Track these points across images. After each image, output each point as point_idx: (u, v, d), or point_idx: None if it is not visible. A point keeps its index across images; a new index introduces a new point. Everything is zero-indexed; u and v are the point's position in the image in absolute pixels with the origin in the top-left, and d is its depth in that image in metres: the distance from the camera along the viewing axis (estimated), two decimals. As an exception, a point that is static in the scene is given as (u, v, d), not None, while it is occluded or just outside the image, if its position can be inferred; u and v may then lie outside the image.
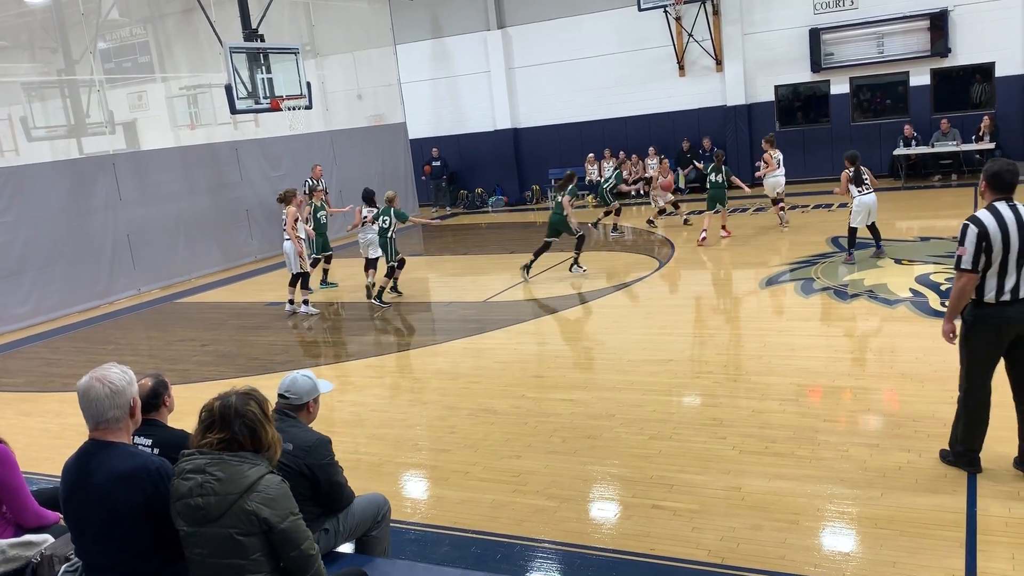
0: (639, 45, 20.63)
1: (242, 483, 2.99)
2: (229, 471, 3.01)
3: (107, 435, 3.25)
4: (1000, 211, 4.69)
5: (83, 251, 13.79)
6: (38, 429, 7.96)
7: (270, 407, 3.28)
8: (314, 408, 4.05)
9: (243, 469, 3.02)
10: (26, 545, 3.67)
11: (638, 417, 6.55)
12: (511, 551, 4.76)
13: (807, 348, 7.86)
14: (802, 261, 11.51)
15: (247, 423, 3.09)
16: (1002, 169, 4.77)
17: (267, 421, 3.17)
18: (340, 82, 20.25)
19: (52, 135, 16.16)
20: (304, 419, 3.98)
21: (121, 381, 3.25)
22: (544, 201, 22.05)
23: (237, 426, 3.08)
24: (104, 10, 16.26)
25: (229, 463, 3.03)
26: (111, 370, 3.27)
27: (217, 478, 2.99)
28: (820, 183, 19.17)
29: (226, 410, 3.11)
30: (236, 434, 3.08)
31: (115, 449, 3.23)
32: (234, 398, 3.16)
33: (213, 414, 3.13)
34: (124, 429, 3.29)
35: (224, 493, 2.97)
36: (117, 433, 3.26)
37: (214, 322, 11.98)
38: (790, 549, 4.46)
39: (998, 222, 4.66)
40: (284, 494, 3.05)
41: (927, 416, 5.93)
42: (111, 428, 3.24)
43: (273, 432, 3.19)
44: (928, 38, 18.08)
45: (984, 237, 4.66)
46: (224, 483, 2.99)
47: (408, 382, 8.25)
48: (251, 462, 3.06)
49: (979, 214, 4.74)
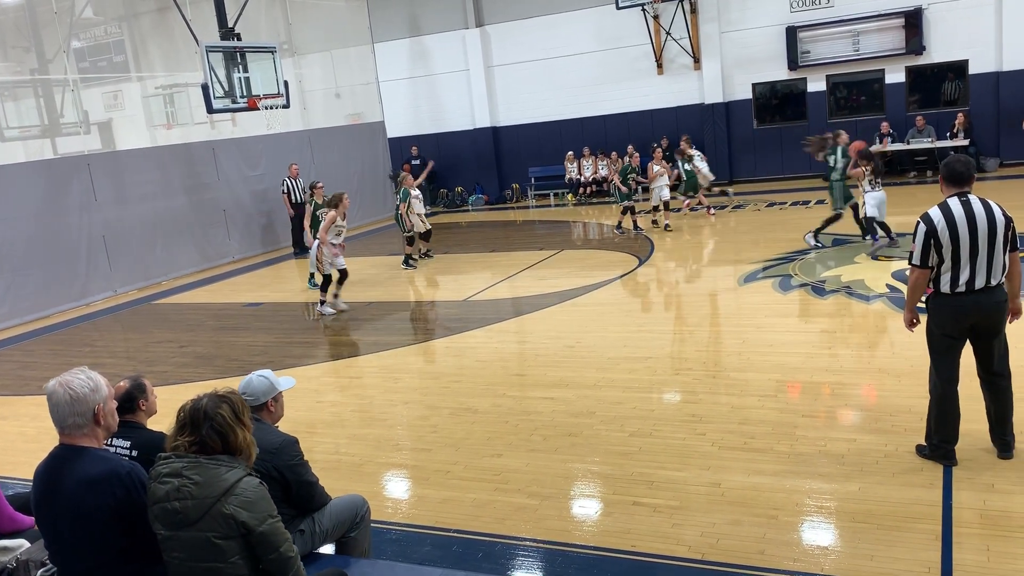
0: (617, 43, 20.69)
1: (220, 486, 2.97)
2: (206, 475, 2.99)
3: (75, 440, 3.22)
4: (951, 207, 4.85)
5: (58, 252, 13.63)
6: (14, 433, 7.86)
7: (247, 412, 3.25)
8: (275, 407, 4.01)
9: (220, 472, 3.00)
10: (1, 551, 3.63)
11: (618, 414, 6.57)
12: (492, 550, 4.76)
13: (785, 344, 7.92)
14: (780, 258, 11.59)
15: (215, 426, 3.07)
16: (956, 164, 4.97)
17: (239, 425, 3.13)
18: (318, 81, 20.16)
19: (25, 135, 15.98)
20: (267, 419, 3.94)
21: (83, 388, 3.20)
22: (524, 199, 22.09)
23: (205, 429, 3.06)
24: (78, 8, 16.11)
25: (206, 467, 3.01)
26: (76, 376, 3.23)
27: (194, 482, 2.97)
28: (797, 180, 19.35)
29: (196, 413, 3.10)
30: (205, 437, 3.05)
31: (85, 454, 3.20)
32: (205, 400, 3.14)
33: (186, 415, 3.12)
34: (91, 435, 3.24)
35: (202, 497, 2.95)
36: (83, 438, 3.22)
37: (192, 323, 11.89)
38: (770, 544, 4.49)
39: (947, 219, 4.81)
40: (262, 497, 3.03)
41: (904, 410, 5.99)
42: (75, 434, 3.21)
43: (246, 436, 3.15)
44: (903, 36, 18.27)
45: (932, 235, 4.83)
46: (201, 487, 2.96)
47: (389, 382, 8.23)
48: (228, 465, 3.04)
49: (930, 211, 4.91)
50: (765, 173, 20.17)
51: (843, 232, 12.43)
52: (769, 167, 20.17)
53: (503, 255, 14.55)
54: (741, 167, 20.52)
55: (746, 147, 20.37)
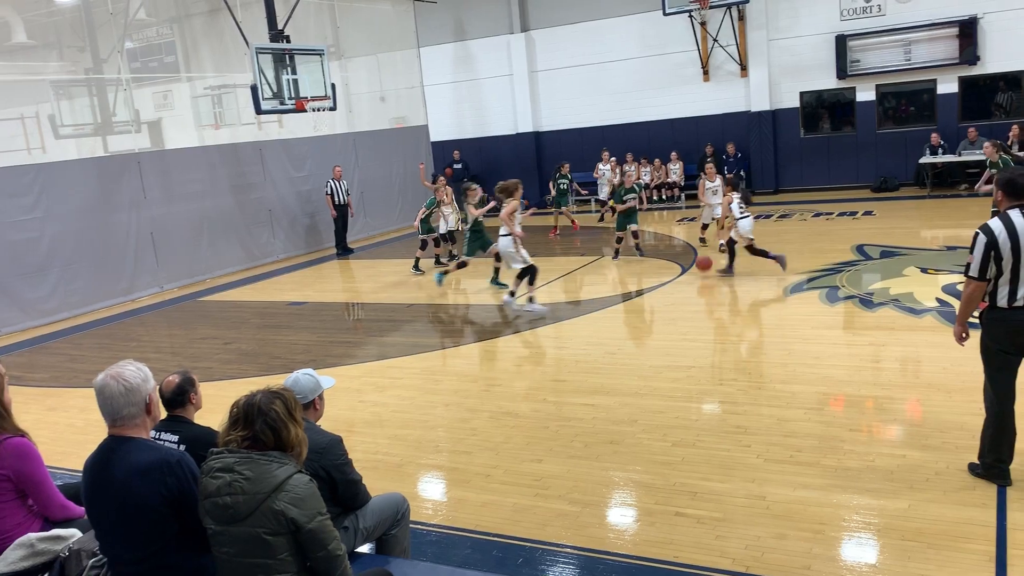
0: (663, 49, 20.58)
1: (270, 482, 2.98)
2: (258, 470, 3.01)
3: (125, 431, 3.28)
4: (1012, 219, 4.74)
5: (107, 248, 13.91)
6: (63, 424, 8.02)
7: (299, 409, 3.28)
8: (320, 405, 4.06)
9: (271, 468, 3.02)
10: (54, 539, 3.69)
11: (661, 423, 6.50)
12: (533, 555, 4.73)
13: (832, 356, 7.79)
14: (827, 269, 11.42)
15: (268, 422, 3.09)
16: (1018, 177, 4.83)
17: (292, 421, 3.16)
18: (364, 84, 20.33)
19: (79, 133, 16.30)
20: (312, 417, 3.99)
21: (135, 379, 3.27)
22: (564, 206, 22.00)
23: (259, 424, 3.09)
24: (132, 10, 16.41)
25: (258, 462, 3.03)
26: (126, 368, 3.30)
27: (246, 477, 2.99)
28: (844, 190, 19.07)
29: (250, 408, 3.13)
30: (258, 432, 3.08)
31: (134, 444, 3.25)
32: (259, 396, 3.17)
33: (239, 411, 3.15)
34: (142, 425, 3.32)
35: (252, 492, 2.97)
36: (135, 429, 3.29)
37: (236, 320, 12.04)
38: (816, 559, 4.40)
39: (1008, 230, 4.70)
40: (312, 494, 3.04)
41: (955, 427, 5.85)
42: (127, 424, 3.27)
43: (298, 432, 3.18)
44: (956, 46, 17.91)
45: (992, 246, 4.71)
46: (253, 482, 2.98)
47: (429, 383, 8.25)
48: (279, 461, 3.06)
49: (990, 222, 4.80)
50: (812, 182, 19.89)
51: (891, 244, 12.21)
52: (816, 176, 19.89)
53: (543, 260, 14.49)
54: (787, 176, 20.29)
55: (792, 156, 20.13)
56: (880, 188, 18.80)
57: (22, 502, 3.89)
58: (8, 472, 3.80)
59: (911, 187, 18.63)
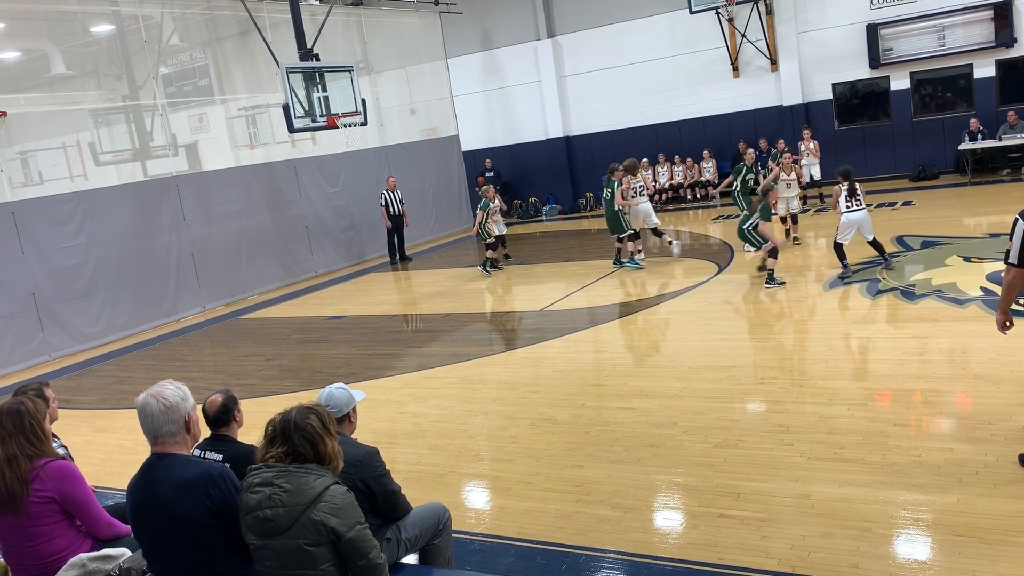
0: (691, 48, 20.47)
1: (309, 494, 3.03)
2: (296, 483, 3.06)
3: (166, 448, 3.35)
4: None
5: (150, 270, 14.18)
6: (112, 445, 8.18)
7: (333, 423, 3.33)
8: (354, 417, 4.13)
9: (309, 480, 3.07)
10: (105, 559, 3.77)
11: (701, 425, 6.46)
12: (576, 561, 4.73)
13: (874, 351, 7.67)
14: (866, 262, 11.24)
15: (306, 436, 3.16)
16: None
17: (327, 434, 3.23)
18: (394, 97, 20.49)
19: (118, 159, 16.65)
20: (347, 430, 4.04)
21: (174, 397, 3.34)
22: (598, 208, 21.99)
23: (297, 439, 3.15)
24: (165, 36, 16.74)
25: (296, 475, 3.08)
26: (166, 387, 3.38)
27: (284, 490, 3.04)
28: (882, 181, 18.77)
29: (286, 424, 3.20)
30: (296, 446, 3.15)
31: (175, 459, 3.33)
32: (295, 412, 3.24)
33: (276, 428, 3.22)
34: (182, 443, 3.38)
35: (292, 504, 3.02)
36: (175, 446, 3.36)
37: (277, 337, 12.20)
38: (863, 558, 4.34)
39: None
40: (350, 503, 3.09)
41: (1003, 418, 5.72)
42: (168, 442, 3.34)
43: (334, 445, 3.25)
44: (992, 28, 17.55)
45: None
46: (292, 494, 3.03)
47: (468, 392, 8.27)
48: (316, 473, 3.11)
49: None
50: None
51: (931, 234, 11.99)
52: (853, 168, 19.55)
53: (578, 264, 14.49)
54: (823, 168, 19.98)
55: (828, 148, 19.76)
56: (919, 177, 18.47)
57: (70, 523, 3.97)
58: (53, 494, 3.88)
59: (951, 175, 18.27)
